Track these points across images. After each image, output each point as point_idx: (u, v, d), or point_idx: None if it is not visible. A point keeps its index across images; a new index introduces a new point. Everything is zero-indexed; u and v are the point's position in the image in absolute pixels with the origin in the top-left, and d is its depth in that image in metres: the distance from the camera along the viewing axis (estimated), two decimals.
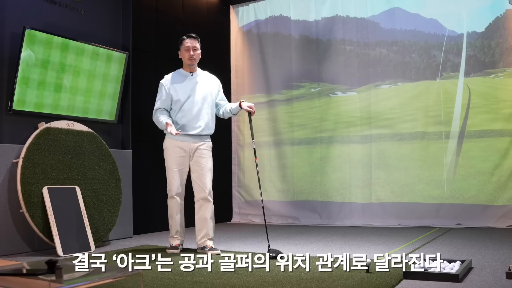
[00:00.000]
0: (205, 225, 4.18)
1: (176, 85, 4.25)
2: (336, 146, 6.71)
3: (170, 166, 4.24)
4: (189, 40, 4.27)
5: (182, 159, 4.23)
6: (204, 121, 4.26)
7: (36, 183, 4.28)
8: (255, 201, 7.15)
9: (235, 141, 7.37)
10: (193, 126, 4.22)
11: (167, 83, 4.28)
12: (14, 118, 4.46)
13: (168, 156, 4.26)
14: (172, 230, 4.31)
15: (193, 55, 4.25)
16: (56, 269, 1.79)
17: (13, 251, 4.25)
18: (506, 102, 5.86)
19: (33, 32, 4.44)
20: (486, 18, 6.00)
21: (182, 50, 4.28)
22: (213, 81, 4.41)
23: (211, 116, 4.35)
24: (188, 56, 4.24)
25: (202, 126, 4.25)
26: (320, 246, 4.48)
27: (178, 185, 4.23)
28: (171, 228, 4.32)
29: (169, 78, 4.32)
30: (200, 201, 4.21)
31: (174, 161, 4.22)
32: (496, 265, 3.34)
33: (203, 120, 4.26)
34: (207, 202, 4.20)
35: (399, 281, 2.87)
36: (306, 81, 6.99)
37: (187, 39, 4.28)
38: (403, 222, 6.12)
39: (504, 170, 5.77)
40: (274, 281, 2.92)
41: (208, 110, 4.30)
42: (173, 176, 4.23)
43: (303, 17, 7.03)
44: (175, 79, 4.29)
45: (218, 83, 4.47)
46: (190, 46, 4.24)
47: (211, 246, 4.16)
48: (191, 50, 4.24)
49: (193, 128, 4.22)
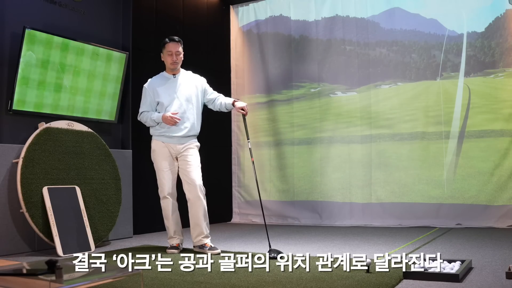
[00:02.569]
0: (199, 223, 4.16)
1: (159, 88, 4.24)
2: (336, 146, 6.71)
3: (160, 166, 4.25)
4: (172, 45, 4.23)
5: (171, 159, 4.26)
6: (190, 122, 4.27)
7: (36, 183, 4.28)
8: (255, 201, 7.14)
9: (235, 141, 7.37)
10: (178, 128, 4.22)
11: (150, 87, 4.29)
12: (14, 118, 4.46)
13: (157, 157, 4.27)
14: (170, 231, 4.30)
15: (176, 60, 4.23)
16: (56, 269, 1.79)
17: (13, 251, 4.25)
18: (506, 102, 5.86)
19: (33, 32, 4.44)
20: (486, 18, 6.00)
21: (165, 53, 4.25)
22: (196, 81, 4.37)
23: (197, 117, 4.34)
24: (170, 60, 4.23)
25: (188, 127, 4.25)
26: (320, 246, 4.48)
27: (169, 185, 4.24)
28: (168, 230, 4.31)
29: (152, 82, 4.32)
30: (191, 200, 4.18)
31: (163, 161, 4.23)
32: (496, 265, 3.33)
33: (188, 121, 4.26)
34: (198, 200, 4.16)
35: (399, 281, 2.87)
36: (306, 81, 6.99)
37: (170, 43, 4.23)
38: (403, 222, 6.12)
39: (504, 170, 5.77)
40: (274, 281, 2.92)
41: (193, 111, 4.29)
42: (163, 176, 4.23)
43: (303, 17, 7.03)
44: (157, 82, 4.29)
45: (202, 81, 4.42)
46: (172, 51, 4.22)
47: (210, 245, 4.16)
48: (173, 55, 4.21)
49: (178, 130, 4.22)
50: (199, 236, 4.18)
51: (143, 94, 4.34)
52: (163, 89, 4.24)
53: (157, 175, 4.30)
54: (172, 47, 4.22)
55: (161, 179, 4.25)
